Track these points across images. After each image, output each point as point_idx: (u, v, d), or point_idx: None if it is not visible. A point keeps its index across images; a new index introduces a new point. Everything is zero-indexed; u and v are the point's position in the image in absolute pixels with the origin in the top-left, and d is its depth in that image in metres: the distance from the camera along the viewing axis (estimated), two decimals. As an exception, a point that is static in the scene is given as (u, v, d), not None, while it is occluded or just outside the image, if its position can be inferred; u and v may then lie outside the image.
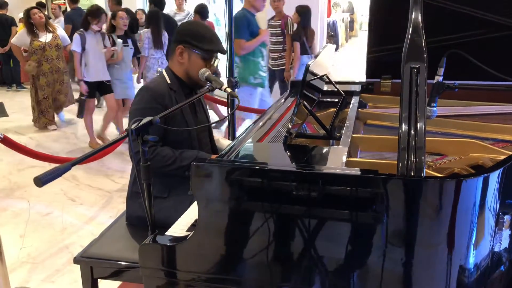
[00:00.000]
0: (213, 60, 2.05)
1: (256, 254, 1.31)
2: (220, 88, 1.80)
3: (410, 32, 1.32)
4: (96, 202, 3.75)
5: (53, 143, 5.44)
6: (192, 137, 2.08)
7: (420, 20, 1.33)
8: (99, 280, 1.91)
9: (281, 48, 5.38)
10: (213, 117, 2.22)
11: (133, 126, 1.37)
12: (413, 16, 1.34)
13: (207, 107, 2.31)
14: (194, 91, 2.15)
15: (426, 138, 1.87)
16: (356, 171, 1.24)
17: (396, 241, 1.22)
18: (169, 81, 2.05)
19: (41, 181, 1.07)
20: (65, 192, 3.94)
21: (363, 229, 1.23)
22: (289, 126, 1.51)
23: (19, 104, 7.60)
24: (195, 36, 2.00)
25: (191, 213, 1.69)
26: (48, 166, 3.91)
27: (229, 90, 1.82)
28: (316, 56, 1.82)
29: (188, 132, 2.06)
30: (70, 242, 3.07)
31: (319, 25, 6.60)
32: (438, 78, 1.91)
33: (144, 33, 5.20)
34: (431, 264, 1.24)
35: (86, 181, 4.19)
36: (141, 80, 5.39)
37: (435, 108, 1.83)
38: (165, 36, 5.29)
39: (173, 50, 2.06)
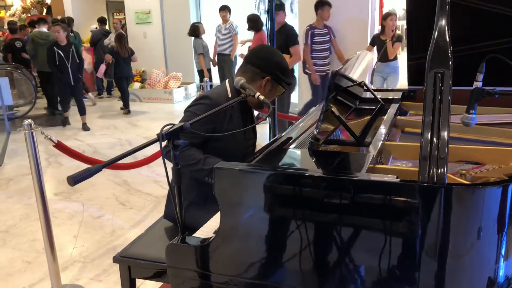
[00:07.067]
0: None
1: (273, 258, 1.33)
2: (253, 96, 1.85)
3: (435, 37, 1.30)
4: (144, 206, 3.91)
5: (108, 149, 5.74)
6: (239, 148, 2.10)
7: (445, 26, 1.30)
8: (143, 280, 1.95)
9: (327, 54, 5.93)
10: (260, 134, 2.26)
11: (164, 131, 1.44)
12: (438, 22, 1.32)
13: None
14: (250, 110, 2.20)
15: (463, 146, 1.82)
16: (367, 177, 1.24)
17: (417, 250, 1.20)
18: (230, 95, 2.07)
19: (73, 180, 1.16)
20: (116, 197, 4.14)
21: (387, 236, 1.22)
22: (315, 132, 1.53)
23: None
24: (283, 71, 2.06)
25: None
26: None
27: (262, 97, 1.85)
28: (345, 62, 1.82)
29: (235, 144, 2.08)
30: (117, 244, 3.23)
31: (369, 33, 6.50)
32: (477, 84, 1.84)
33: None
34: (457, 275, 1.21)
35: (136, 186, 4.38)
36: None
37: (474, 115, 1.77)
38: None
39: (255, 76, 2.05)
